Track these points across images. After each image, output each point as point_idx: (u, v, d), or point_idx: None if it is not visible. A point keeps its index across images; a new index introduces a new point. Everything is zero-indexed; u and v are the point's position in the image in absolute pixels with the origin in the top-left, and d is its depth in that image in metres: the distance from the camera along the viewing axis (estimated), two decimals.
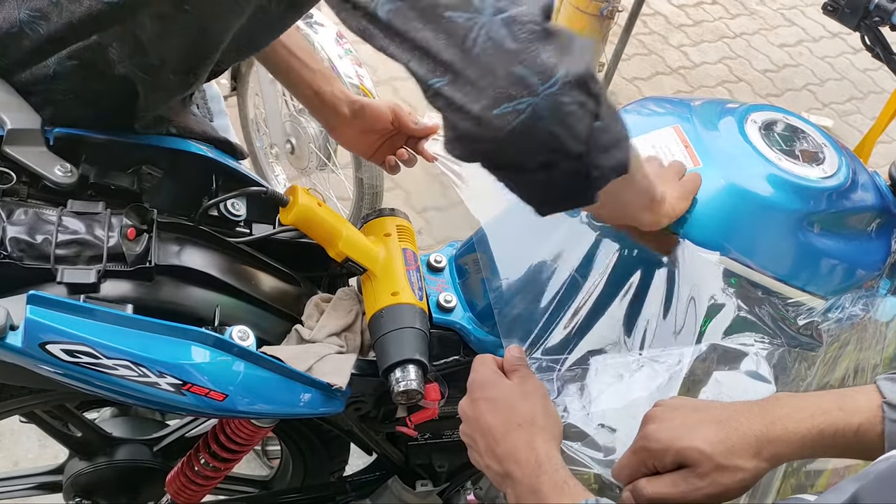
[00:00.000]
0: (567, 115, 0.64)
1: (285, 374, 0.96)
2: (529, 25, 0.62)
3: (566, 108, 0.63)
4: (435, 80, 0.65)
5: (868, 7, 1.18)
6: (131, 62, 0.92)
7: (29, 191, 0.97)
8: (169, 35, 0.91)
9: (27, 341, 0.80)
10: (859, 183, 1.06)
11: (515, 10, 0.62)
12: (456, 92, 0.64)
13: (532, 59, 0.62)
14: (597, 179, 0.71)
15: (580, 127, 0.65)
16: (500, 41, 0.62)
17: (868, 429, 0.69)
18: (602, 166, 0.70)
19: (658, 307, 0.93)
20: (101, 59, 0.92)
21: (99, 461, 1.25)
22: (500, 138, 0.64)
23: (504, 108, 0.62)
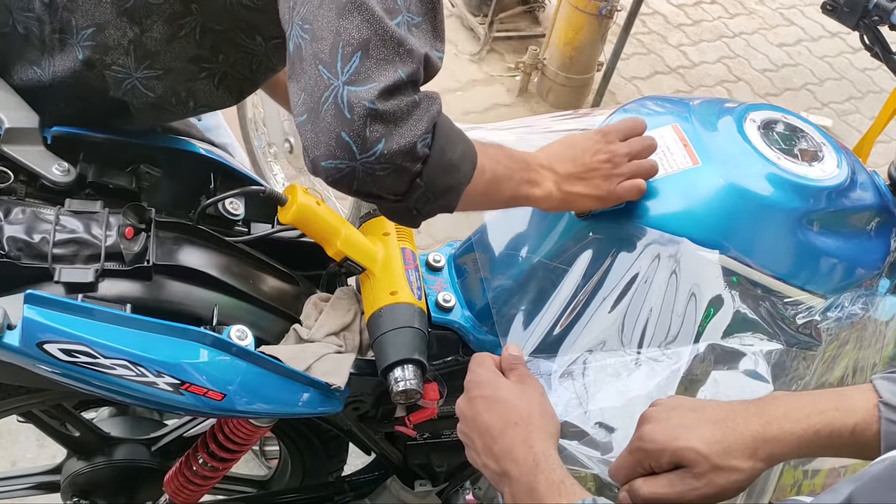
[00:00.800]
0: (380, 178, 0.76)
1: (284, 373, 0.96)
2: (365, 104, 0.72)
3: (379, 174, 0.75)
4: (297, 115, 0.76)
5: (867, 6, 1.18)
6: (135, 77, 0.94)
7: (27, 190, 0.97)
8: (174, 41, 0.92)
9: (24, 341, 0.80)
10: (858, 182, 1.06)
11: (362, 86, 0.72)
12: (307, 133, 0.75)
13: (358, 132, 0.73)
14: (417, 216, 0.84)
15: (395, 187, 0.78)
16: (341, 108, 0.72)
17: (864, 428, 0.69)
18: (422, 209, 0.82)
19: (657, 306, 0.93)
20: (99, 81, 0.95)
21: (97, 461, 1.25)
22: (326, 181, 0.76)
23: (330, 163, 0.74)
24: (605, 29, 2.95)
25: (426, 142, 0.77)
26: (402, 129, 0.74)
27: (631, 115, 1.13)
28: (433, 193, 0.80)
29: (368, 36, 0.72)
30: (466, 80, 3.18)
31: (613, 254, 0.97)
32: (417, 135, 0.75)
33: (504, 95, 3.17)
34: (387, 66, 0.73)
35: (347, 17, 0.72)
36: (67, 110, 0.98)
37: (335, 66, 0.72)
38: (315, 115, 0.73)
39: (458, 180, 0.82)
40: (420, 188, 0.79)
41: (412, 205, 0.81)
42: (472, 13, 3.33)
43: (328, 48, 0.73)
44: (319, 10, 0.73)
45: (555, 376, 0.89)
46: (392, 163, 0.75)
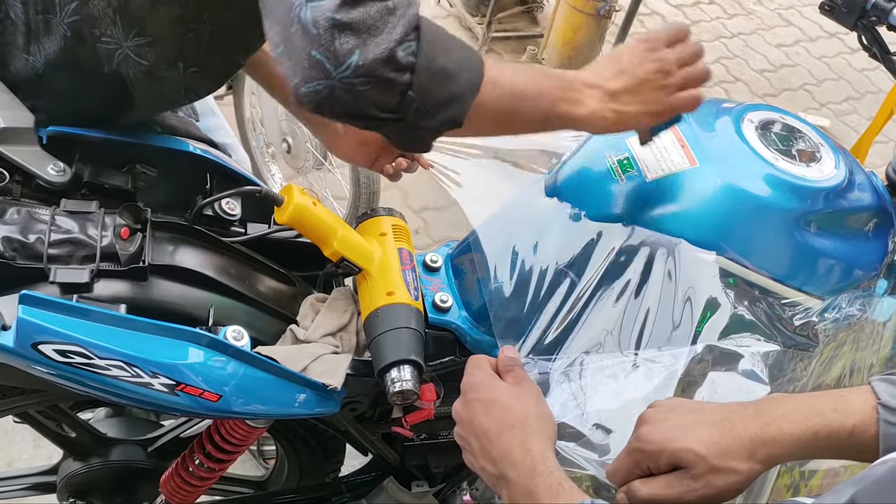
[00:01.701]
0: (362, 94, 0.71)
1: (280, 374, 0.95)
2: (327, 14, 0.69)
3: (359, 88, 0.71)
4: (274, 49, 0.74)
5: (865, 6, 1.18)
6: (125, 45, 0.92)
7: (22, 190, 0.97)
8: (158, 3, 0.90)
9: (19, 341, 0.80)
10: (856, 183, 1.05)
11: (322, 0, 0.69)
12: (284, 63, 0.73)
13: (327, 47, 0.69)
14: (423, 135, 0.79)
15: (383, 100, 0.73)
16: (306, 26, 0.69)
17: (862, 430, 0.69)
18: (425, 126, 0.77)
19: (654, 307, 0.93)
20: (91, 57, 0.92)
21: (93, 462, 1.24)
22: (311, 109, 0.73)
23: (308, 87, 0.71)
24: (604, 29, 2.95)
25: (409, 49, 0.72)
26: (376, 37, 0.70)
27: None
28: (431, 105, 0.75)
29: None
30: None
31: (610, 255, 0.96)
32: (394, 40, 0.71)
33: None
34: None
35: None
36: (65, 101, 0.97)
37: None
38: (288, 42, 0.71)
39: (459, 89, 0.77)
40: (414, 101, 0.74)
41: (412, 121, 0.75)
42: (470, 13, 3.33)
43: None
44: None
45: (552, 378, 0.89)
46: (372, 74, 0.70)
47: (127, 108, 0.99)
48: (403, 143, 0.82)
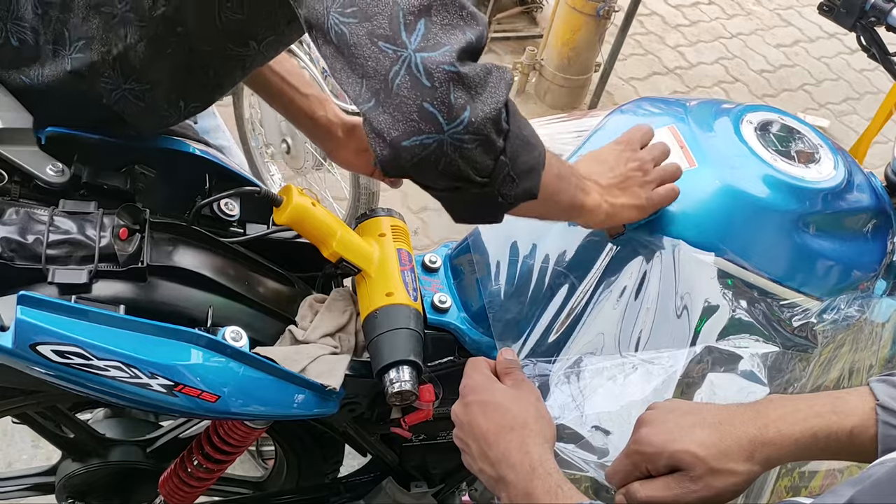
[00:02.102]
0: (468, 151, 0.70)
1: (279, 375, 0.95)
2: (444, 67, 0.67)
3: (467, 146, 0.70)
4: (362, 104, 0.71)
5: (864, 7, 1.18)
6: (123, 88, 0.94)
7: (21, 190, 0.97)
8: (161, 57, 0.92)
9: (17, 342, 0.79)
10: (855, 184, 1.06)
11: (435, 51, 0.68)
12: (378, 117, 0.70)
13: (442, 99, 0.68)
14: (501, 205, 0.78)
15: (482, 162, 0.72)
16: (418, 78, 0.67)
17: (861, 431, 0.69)
18: (507, 195, 0.76)
19: (652, 309, 0.93)
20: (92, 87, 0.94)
21: (92, 462, 1.24)
22: (408, 165, 0.71)
23: (413, 140, 0.69)
24: (603, 30, 2.95)
25: (505, 115, 0.72)
26: (483, 96, 0.69)
27: (627, 115, 1.13)
28: (517, 173, 0.75)
29: (429, 2, 0.68)
30: None
31: (609, 256, 0.97)
32: (500, 102, 0.70)
33: None
34: (454, 31, 0.68)
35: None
36: (62, 114, 0.98)
37: (399, 36, 0.67)
38: (386, 94, 0.68)
39: (537, 160, 0.78)
40: (506, 166, 0.73)
41: (497, 188, 0.75)
42: None
43: (386, 22, 0.68)
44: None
45: (551, 380, 0.89)
46: (480, 133, 0.69)
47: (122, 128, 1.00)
48: (479, 213, 0.81)
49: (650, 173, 0.95)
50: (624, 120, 1.13)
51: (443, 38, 0.68)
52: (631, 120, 1.11)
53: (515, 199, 0.78)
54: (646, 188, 0.94)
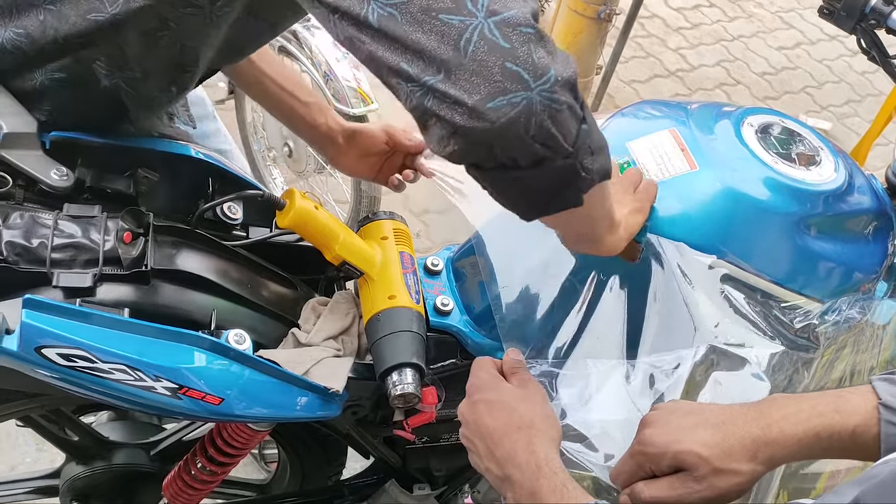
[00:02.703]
0: (558, 112, 0.66)
1: (282, 377, 0.96)
2: (522, 28, 0.64)
3: (557, 105, 0.65)
4: (428, 78, 0.66)
5: (864, 10, 1.18)
6: (118, 76, 0.93)
7: (25, 194, 0.97)
8: (153, 50, 0.92)
9: (23, 345, 0.80)
10: (856, 186, 1.06)
11: (508, 13, 0.65)
12: (451, 87, 0.65)
13: (526, 58, 0.64)
14: (584, 180, 0.73)
15: (569, 126, 0.67)
16: (495, 41, 0.64)
17: (864, 430, 0.69)
18: (590, 168, 0.72)
19: (656, 311, 0.93)
20: (88, 73, 0.93)
21: (96, 465, 1.25)
22: (494, 130, 0.65)
23: (499, 101, 0.64)
24: (604, 32, 2.95)
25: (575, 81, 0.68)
26: (560, 58, 0.66)
27: (629, 118, 1.14)
28: (596, 145, 0.71)
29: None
30: None
31: (614, 259, 0.97)
32: (574, 66, 0.67)
33: None
34: None
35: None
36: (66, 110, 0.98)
37: (464, 6, 0.64)
38: (458, 62, 0.64)
39: (603, 138, 0.74)
40: (588, 135, 0.69)
41: (580, 159, 0.70)
42: None
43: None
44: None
45: (557, 380, 0.89)
46: (566, 93, 0.65)
47: (125, 115, 1.00)
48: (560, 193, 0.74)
49: (625, 181, 0.95)
50: (626, 123, 1.13)
51: (510, 4, 0.65)
52: (633, 123, 1.12)
53: (596, 175, 0.73)
54: (629, 190, 0.93)
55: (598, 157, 0.73)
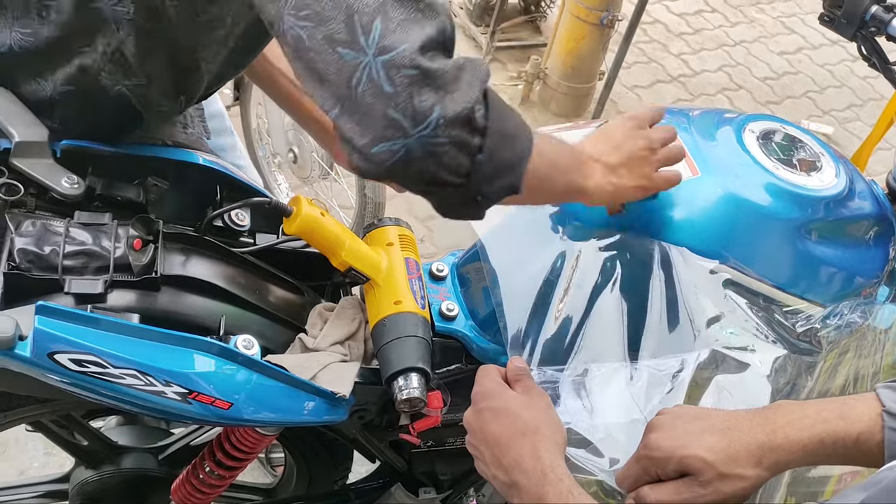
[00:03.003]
0: (441, 153, 0.68)
1: (290, 382, 0.97)
2: (406, 70, 0.66)
3: (440, 147, 0.68)
4: (329, 109, 0.69)
5: (864, 17, 1.19)
6: (123, 83, 0.95)
7: (36, 202, 0.98)
8: (151, 51, 0.93)
9: (36, 351, 0.81)
10: (856, 191, 1.07)
11: (396, 50, 0.65)
12: (345, 124, 0.68)
13: (406, 104, 0.66)
14: (482, 202, 0.76)
15: (458, 161, 0.70)
16: (380, 84, 0.66)
17: (868, 437, 0.70)
18: (487, 193, 0.74)
19: (658, 316, 0.94)
20: (95, 85, 0.95)
21: (105, 469, 1.26)
22: (381, 171, 0.69)
23: (382, 147, 0.67)
24: (607, 38, 2.97)
25: (482, 111, 0.70)
26: (454, 93, 0.67)
27: None
28: (496, 170, 0.72)
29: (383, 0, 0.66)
30: None
31: (616, 264, 0.98)
32: (473, 99, 0.68)
33: None
34: (412, 26, 0.66)
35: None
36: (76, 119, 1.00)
37: (357, 41, 0.66)
38: (350, 101, 0.67)
39: (520, 153, 0.75)
40: (482, 164, 0.71)
41: (476, 187, 0.73)
42: (474, 23, 3.35)
43: (343, 25, 0.66)
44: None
45: (561, 386, 0.90)
46: (450, 134, 0.67)
47: (135, 124, 1.01)
48: (458, 211, 0.79)
49: (657, 153, 0.94)
50: None
51: (401, 37, 0.66)
52: None
53: (496, 197, 0.75)
54: (651, 167, 0.93)
55: (502, 179, 0.74)
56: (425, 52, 0.66)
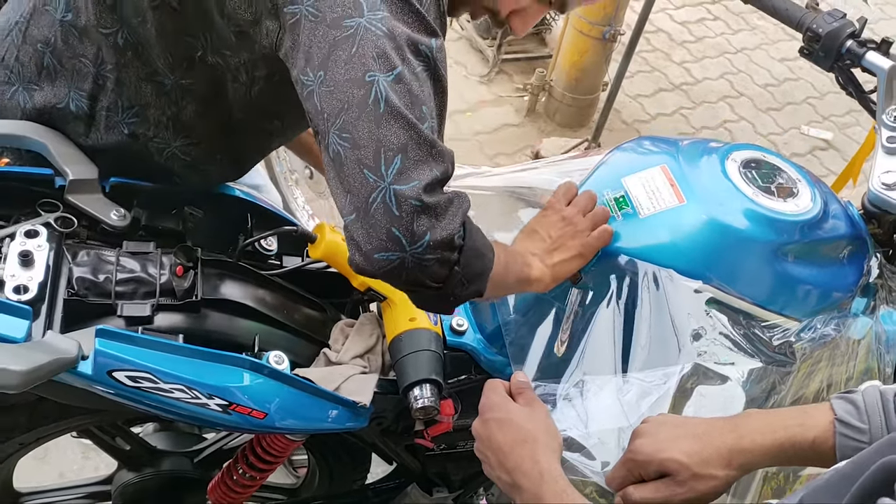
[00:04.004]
0: (426, 267, 0.85)
1: (316, 393, 1.08)
2: (411, 201, 0.82)
3: (426, 263, 0.85)
4: (346, 216, 0.85)
5: (840, 51, 1.29)
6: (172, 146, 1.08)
7: (88, 233, 1.10)
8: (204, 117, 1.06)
9: (96, 369, 0.92)
10: (830, 214, 1.16)
11: (406, 185, 0.82)
12: (357, 230, 0.84)
13: (407, 227, 0.82)
14: (453, 301, 0.93)
15: (438, 274, 0.87)
16: (389, 207, 0.82)
17: (822, 441, 0.80)
18: (458, 295, 0.92)
19: (647, 332, 1.04)
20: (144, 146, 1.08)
21: (145, 472, 1.37)
22: (377, 273, 0.85)
23: (382, 255, 0.83)
24: (609, 52, 3.06)
25: (461, 233, 0.87)
26: (443, 222, 0.84)
27: (628, 153, 1.25)
28: (467, 278, 0.90)
29: (406, 141, 0.82)
30: (476, 101, 3.30)
31: (608, 285, 1.08)
32: (456, 226, 0.86)
33: (513, 115, 3.29)
34: (424, 167, 0.83)
35: (386, 126, 0.82)
36: (119, 168, 1.12)
37: (380, 169, 0.81)
38: (364, 214, 0.82)
39: (486, 265, 0.93)
40: (458, 274, 0.89)
41: (450, 291, 0.90)
42: (480, 36, 3.45)
43: (371, 154, 0.82)
44: (359, 121, 0.82)
45: (558, 397, 1.01)
46: (436, 252, 0.84)
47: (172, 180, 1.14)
48: (433, 306, 0.98)
49: (580, 224, 1.08)
50: (624, 157, 1.24)
51: (414, 174, 0.82)
52: (629, 158, 1.23)
53: (465, 298, 0.94)
54: (579, 237, 1.07)
55: (472, 285, 0.92)
56: (428, 190, 0.83)
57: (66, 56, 1.05)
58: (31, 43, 1.07)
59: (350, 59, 0.83)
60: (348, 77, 0.83)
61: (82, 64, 1.05)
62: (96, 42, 1.03)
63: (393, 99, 0.82)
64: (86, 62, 1.04)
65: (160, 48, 0.99)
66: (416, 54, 0.85)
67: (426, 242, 0.83)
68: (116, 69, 1.03)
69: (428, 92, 0.86)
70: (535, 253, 1.07)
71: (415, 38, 0.85)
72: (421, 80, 0.85)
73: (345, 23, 0.84)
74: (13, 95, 1.08)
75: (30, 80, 1.08)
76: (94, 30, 1.01)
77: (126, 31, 1.00)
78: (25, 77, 1.08)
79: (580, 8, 2.94)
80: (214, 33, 0.96)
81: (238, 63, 0.98)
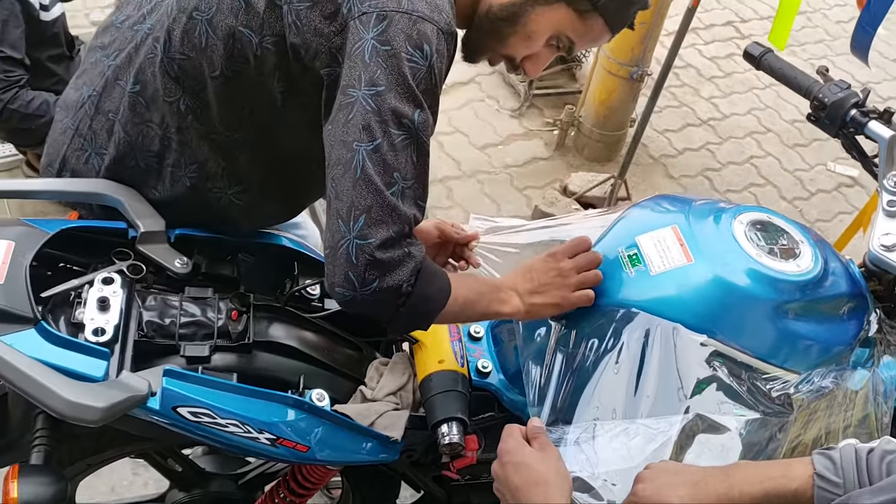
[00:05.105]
0: (373, 306, 1.03)
1: (352, 428, 1.19)
2: (366, 255, 0.99)
3: (373, 303, 1.02)
4: (325, 250, 1.03)
5: (845, 119, 1.38)
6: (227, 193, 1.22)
7: (154, 279, 1.23)
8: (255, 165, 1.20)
9: (163, 405, 1.05)
10: (831, 273, 1.25)
11: (364, 241, 0.99)
12: (328, 265, 1.03)
13: (360, 274, 1.00)
14: (401, 331, 1.16)
15: (384, 313, 1.06)
16: (350, 256, 1.00)
17: (802, 492, 0.89)
18: (405, 326, 1.11)
19: (654, 382, 1.14)
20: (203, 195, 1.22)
21: (195, 492, 1.50)
22: (336, 300, 1.05)
23: (340, 290, 1.02)
24: (637, 91, 3.16)
25: (410, 283, 1.03)
26: (390, 275, 1.01)
27: (645, 210, 1.35)
28: (411, 318, 1.08)
29: (371, 203, 0.98)
30: (507, 134, 3.42)
31: (619, 336, 1.18)
32: (402, 279, 1.02)
33: (542, 149, 3.40)
34: (382, 226, 0.99)
35: (359, 188, 0.99)
36: (182, 217, 1.25)
37: (348, 223, 0.99)
38: (333, 254, 1.01)
39: (433, 308, 1.10)
40: (402, 315, 1.06)
41: (397, 324, 1.08)
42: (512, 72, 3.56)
43: (345, 208, 0.99)
44: (343, 178, 1.00)
45: (570, 441, 1.11)
46: (381, 298, 1.02)
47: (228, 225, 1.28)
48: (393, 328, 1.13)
49: (569, 279, 1.21)
50: (642, 214, 1.34)
51: (372, 232, 0.99)
52: (644, 216, 1.33)
53: (411, 329, 1.14)
54: (563, 291, 1.20)
55: (415, 323, 1.10)
56: (382, 247, 1.00)
57: (133, 122, 1.19)
58: (102, 113, 1.22)
59: (346, 123, 1.00)
60: (342, 139, 1.00)
61: (149, 128, 1.19)
62: (161, 109, 1.17)
63: (368, 167, 0.98)
64: (153, 126, 1.19)
65: (216, 110, 1.14)
66: (398, 126, 1.00)
67: (373, 288, 1.00)
68: (179, 132, 1.17)
69: (404, 159, 1.01)
70: (517, 290, 1.21)
71: (400, 110, 1.00)
72: (398, 149, 1.00)
73: (349, 91, 1.01)
74: (88, 160, 1.23)
75: (101, 146, 1.22)
76: (161, 98, 1.16)
77: (187, 97, 1.15)
78: (97, 144, 1.23)
79: (607, 47, 3.07)
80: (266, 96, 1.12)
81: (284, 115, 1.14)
